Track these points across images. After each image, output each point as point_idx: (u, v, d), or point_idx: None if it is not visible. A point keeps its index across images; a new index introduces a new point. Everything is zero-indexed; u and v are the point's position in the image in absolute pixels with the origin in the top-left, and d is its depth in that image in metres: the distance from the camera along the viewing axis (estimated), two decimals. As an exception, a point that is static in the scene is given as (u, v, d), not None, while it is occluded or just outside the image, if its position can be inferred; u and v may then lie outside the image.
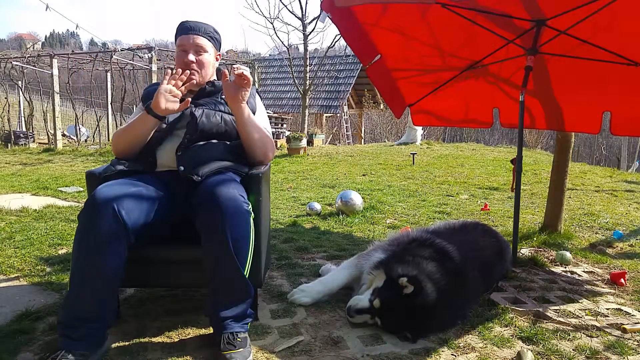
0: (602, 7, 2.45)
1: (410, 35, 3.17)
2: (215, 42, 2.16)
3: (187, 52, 2.06)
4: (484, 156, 9.58)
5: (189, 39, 2.07)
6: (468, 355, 1.81)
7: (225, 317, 1.75)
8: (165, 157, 2.00)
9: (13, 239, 3.25)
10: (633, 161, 16.39)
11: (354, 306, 2.01)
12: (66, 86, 11.55)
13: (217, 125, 2.03)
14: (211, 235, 1.73)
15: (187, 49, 2.07)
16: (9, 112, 12.39)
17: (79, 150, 10.34)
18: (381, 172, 7.49)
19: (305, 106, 12.68)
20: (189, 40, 2.07)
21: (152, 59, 10.82)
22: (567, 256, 3.06)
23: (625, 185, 6.81)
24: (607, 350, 1.87)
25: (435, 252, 2.18)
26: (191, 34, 2.08)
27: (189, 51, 2.06)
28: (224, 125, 2.05)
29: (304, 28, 11.97)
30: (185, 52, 2.07)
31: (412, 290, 1.92)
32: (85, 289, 1.66)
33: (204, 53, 2.10)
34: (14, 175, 7.01)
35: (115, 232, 1.65)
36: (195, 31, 2.09)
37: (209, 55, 2.11)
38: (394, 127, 20.39)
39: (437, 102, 3.73)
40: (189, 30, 2.08)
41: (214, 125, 2.02)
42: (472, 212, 4.62)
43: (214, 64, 2.17)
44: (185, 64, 2.05)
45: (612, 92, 3.12)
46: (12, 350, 1.74)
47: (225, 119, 2.06)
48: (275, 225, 3.92)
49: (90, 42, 63.00)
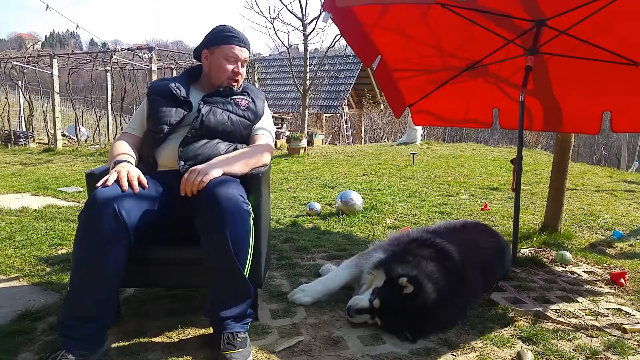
0: (602, 7, 2.45)
1: (410, 35, 3.17)
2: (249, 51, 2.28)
3: (237, 62, 2.15)
4: (484, 156, 9.58)
5: (240, 52, 2.16)
6: (468, 355, 1.81)
7: (225, 317, 1.75)
8: (166, 158, 2.01)
9: (13, 239, 3.25)
10: (633, 161, 16.39)
11: (354, 306, 2.01)
12: (66, 86, 11.56)
13: (223, 123, 2.06)
14: (211, 235, 1.73)
15: (237, 60, 2.15)
16: (9, 112, 12.39)
17: (79, 150, 10.34)
18: (381, 172, 7.49)
19: (305, 106, 12.68)
20: (241, 53, 2.16)
21: (152, 59, 10.81)
22: (567, 256, 3.06)
23: (625, 185, 6.81)
24: (607, 350, 1.87)
25: (435, 252, 2.18)
26: (243, 47, 2.17)
27: (238, 62, 2.16)
28: (230, 125, 2.08)
29: (304, 28, 11.96)
30: (235, 63, 2.15)
31: (412, 290, 1.93)
32: (85, 289, 1.66)
33: (245, 66, 2.22)
34: (14, 175, 7.01)
35: (116, 232, 1.65)
36: (245, 45, 2.18)
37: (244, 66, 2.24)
38: (394, 127, 20.39)
39: (437, 102, 3.73)
40: (240, 43, 2.16)
41: (220, 124, 2.05)
42: (472, 212, 4.62)
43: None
44: (235, 74, 2.15)
45: (612, 92, 3.12)
46: (12, 350, 1.74)
47: (232, 119, 2.09)
48: (275, 225, 3.92)
49: (90, 42, 63.04)
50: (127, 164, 1.88)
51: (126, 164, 1.86)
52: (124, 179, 1.75)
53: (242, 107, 2.15)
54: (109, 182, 1.72)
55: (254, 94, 2.25)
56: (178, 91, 2.08)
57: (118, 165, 1.85)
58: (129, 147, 2.05)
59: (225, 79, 2.15)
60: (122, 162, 1.88)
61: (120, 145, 2.04)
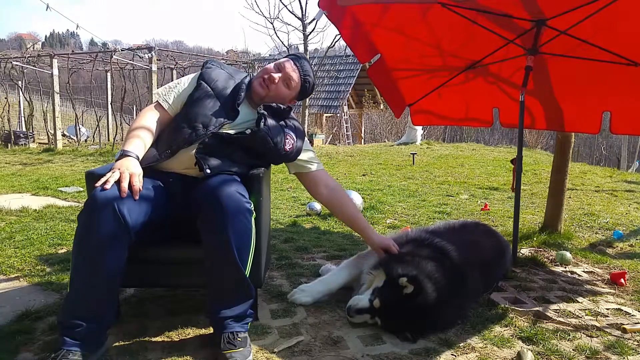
0: (602, 7, 2.45)
1: (410, 35, 3.17)
2: (304, 89, 2.14)
3: (279, 72, 2.05)
4: (484, 156, 9.58)
5: (290, 66, 2.07)
6: (468, 355, 1.81)
7: (226, 317, 1.75)
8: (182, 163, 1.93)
9: (13, 239, 3.25)
10: (633, 161, 16.39)
11: (354, 306, 2.01)
12: (66, 86, 11.54)
13: (265, 147, 1.97)
14: (212, 235, 1.73)
15: (281, 71, 2.06)
16: (9, 112, 12.37)
17: (79, 150, 10.33)
18: (381, 172, 7.49)
19: (305, 106, 12.67)
20: (289, 67, 2.07)
21: (152, 59, 10.80)
22: (567, 256, 3.06)
23: (625, 185, 6.81)
24: (607, 350, 1.87)
25: (435, 251, 2.19)
26: (296, 67, 2.08)
27: (281, 72, 2.06)
28: (273, 146, 1.99)
29: (304, 28, 11.95)
30: (278, 70, 2.06)
31: (412, 290, 1.92)
32: (85, 289, 1.66)
33: (287, 88, 2.08)
34: (14, 175, 7.00)
35: (116, 232, 1.65)
36: (300, 68, 2.09)
37: (288, 92, 2.10)
38: (394, 127, 20.39)
39: (437, 102, 3.73)
40: (297, 62, 2.09)
41: (265, 148, 1.98)
42: (472, 212, 4.62)
43: (284, 101, 2.10)
44: (269, 77, 2.03)
45: (612, 92, 3.12)
46: (12, 350, 1.74)
47: (271, 148, 1.99)
48: (275, 225, 3.92)
49: (90, 42, 63.01)
50: (132, 160, 1.75)
51: (130, 161, 1.74)
52: (125, 182, 1.66)
53: (288, 145, 2.03)
54: (108, 185, 1.64)
55: (299, 135, 2.11)
56: (240, 96, 1.99)
57: (122, 159, 1.74)
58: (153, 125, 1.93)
59: (258, 78, 2.06)
60: (128, 157, 1.75)
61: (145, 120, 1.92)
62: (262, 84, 2.05)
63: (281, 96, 2.08)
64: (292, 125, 2.11)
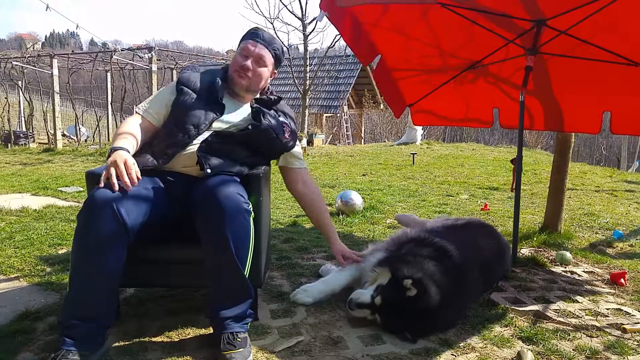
0: (602, 7, 2.45)
1: (410, 35, 3.17)
2: (277, 60, 2.16)
3: (248, 58, 2.06)
4: (484, 156, 9.58)
5: (255, 47, 2.07)
6: (468, 355, 1.81)
7: (225, 317, 1.75)
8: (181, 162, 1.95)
9: (13, 239, 3.25)
10: (633, 161, 16.40)
11: (356, 299, 2.01)
12: (66, 86, 11.56)
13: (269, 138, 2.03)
14: (211, 235, 1.73)
15: (249, 55, 2.07)
16: (9, 112, 12.39)
17: (79, 150, 10.33)
18: (381, 172, 7.49)
19: (305, 106, 12.68)
20: (255, 48, 2.07)
21: (152, 59, 10.81)
22: (567, 256, 3.06)
23: (625, 185, 6.81)
24: (607, 350, 1.87)
25: (437, 252, 2.18)
26: (259, 43, 2.08)
27: (249, 57, 2.06)
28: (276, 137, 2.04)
29: (304, 28, 11.96)
30: (245, 57, 2.07)
31: (416, 294, 1.92)
32: (84, 289, 1.66)
33: (263, 66, 2.10)
34: (14, 175, 7.00)
35: (115, 232, 1.65)
36: (263, 42, 2.09)
37: (266, 70, 2.12)
38: (394, 127, 20.40)
39: (437, 102, 3.73)
40: (257, 38, 2.09)
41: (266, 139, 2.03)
42: (472, 212, 4.62)
43: (267, 79, 2.16)
44: (242, 67, 2.06)
45: (612, 92, 3.12)
46: (12, 350, 1.74)
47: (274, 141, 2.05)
48: (275, 225, 3.92)
49: (90, 42, 63.06)
50: (123, 152, 1.76)
51: (123, 153, 1.75)
52: (124, 174, 1.68)
53: (287, 133, 2.09)
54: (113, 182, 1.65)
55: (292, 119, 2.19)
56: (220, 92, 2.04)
57: (114, 153, 1.74)
58: (138, 129, 1.96)
59: (234, 72, 2.08)
60: (118, 151, 1.76)
61: (130, 124, 1.96)
62: (241, 75, 2.07)
63: (262, 76, 2.11)
64: (283, 111, 2.16)
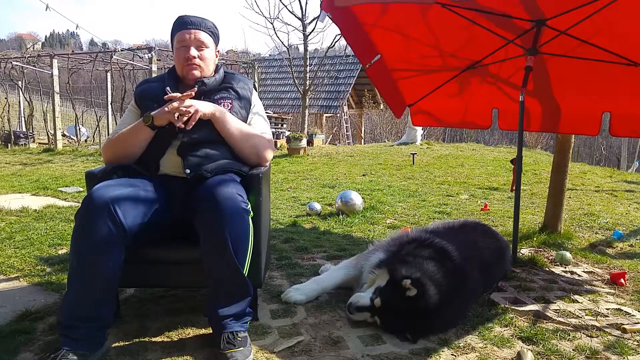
0: (602, 7, 2.45)
1: (410, 35, 3.17)
2: (215, 37, 2.12)
3: (188, 47, 2.02)
4: (484, 156, 9.58)
5: (190, 34, 2.02)
6: (468, 355, 1.81)
7: (225, 316, 1.75)
8: (170, 165, 1.97)
9: (13, 239, 3.25)
10: (633, 161, 16.39)
11: (355, 303, 2.01)
12: (66, 86, 11.55)
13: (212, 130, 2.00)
14: (210, 235, 1.73)
15: (188, 44, 2.02)
16: (9, 112, 12.38)
17: (79, 151, 10.33)
18: (381, 172, 7.49)
19: (305, 106, 12.68)
20: (190, 35, 2.02)
21: (152, 59, 10.81)
22: (567, 256, 3.06)
23: (625, 185, 6.81)
24: (607, 350, 1.87)
25: (437, 252, 2.18)
26: (192, 29, 2.02)
27: (190, 46, 2.02)
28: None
29: (304, 28, 11.96)
30: (186, 48, 2.02)
31: (415, 293, 1.92)
32: (83, 290, 1.66)
33: (205, 49, 2.06)
34: (14, 175, 7.00)
35: (112, 234, 1.65)
36: (195, 26, 2.03)
37: (210, 50, 2.08)
38: (394, 127, 20.40)
39: (436, 102, 3.73)
40: (188, 25, 2.03)
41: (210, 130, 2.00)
42: (472, 212, 4.62)
43: (214, 60, 2.13)
44: (187, 59, 2.01)
45: (612, 92, 3.12)
46: (12, 350, 1.74)
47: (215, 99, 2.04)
48: (275, 225, 3.92)
49: (90, 42, 62.99)
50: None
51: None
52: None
53: (225, 105, 2.04)
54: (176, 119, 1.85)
55: (239, 86, 2.12)
56: (179, 91, 2.01)
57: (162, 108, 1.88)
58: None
59: (182, 68, 2.05)
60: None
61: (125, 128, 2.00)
62: (190, 66, 2.03)
63: (209, 59, 2.07)
64: (227, 85, 2.11)
